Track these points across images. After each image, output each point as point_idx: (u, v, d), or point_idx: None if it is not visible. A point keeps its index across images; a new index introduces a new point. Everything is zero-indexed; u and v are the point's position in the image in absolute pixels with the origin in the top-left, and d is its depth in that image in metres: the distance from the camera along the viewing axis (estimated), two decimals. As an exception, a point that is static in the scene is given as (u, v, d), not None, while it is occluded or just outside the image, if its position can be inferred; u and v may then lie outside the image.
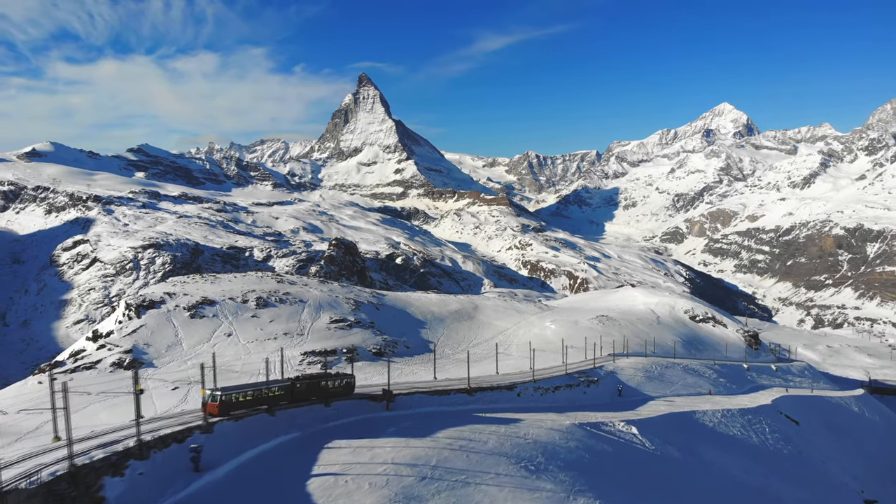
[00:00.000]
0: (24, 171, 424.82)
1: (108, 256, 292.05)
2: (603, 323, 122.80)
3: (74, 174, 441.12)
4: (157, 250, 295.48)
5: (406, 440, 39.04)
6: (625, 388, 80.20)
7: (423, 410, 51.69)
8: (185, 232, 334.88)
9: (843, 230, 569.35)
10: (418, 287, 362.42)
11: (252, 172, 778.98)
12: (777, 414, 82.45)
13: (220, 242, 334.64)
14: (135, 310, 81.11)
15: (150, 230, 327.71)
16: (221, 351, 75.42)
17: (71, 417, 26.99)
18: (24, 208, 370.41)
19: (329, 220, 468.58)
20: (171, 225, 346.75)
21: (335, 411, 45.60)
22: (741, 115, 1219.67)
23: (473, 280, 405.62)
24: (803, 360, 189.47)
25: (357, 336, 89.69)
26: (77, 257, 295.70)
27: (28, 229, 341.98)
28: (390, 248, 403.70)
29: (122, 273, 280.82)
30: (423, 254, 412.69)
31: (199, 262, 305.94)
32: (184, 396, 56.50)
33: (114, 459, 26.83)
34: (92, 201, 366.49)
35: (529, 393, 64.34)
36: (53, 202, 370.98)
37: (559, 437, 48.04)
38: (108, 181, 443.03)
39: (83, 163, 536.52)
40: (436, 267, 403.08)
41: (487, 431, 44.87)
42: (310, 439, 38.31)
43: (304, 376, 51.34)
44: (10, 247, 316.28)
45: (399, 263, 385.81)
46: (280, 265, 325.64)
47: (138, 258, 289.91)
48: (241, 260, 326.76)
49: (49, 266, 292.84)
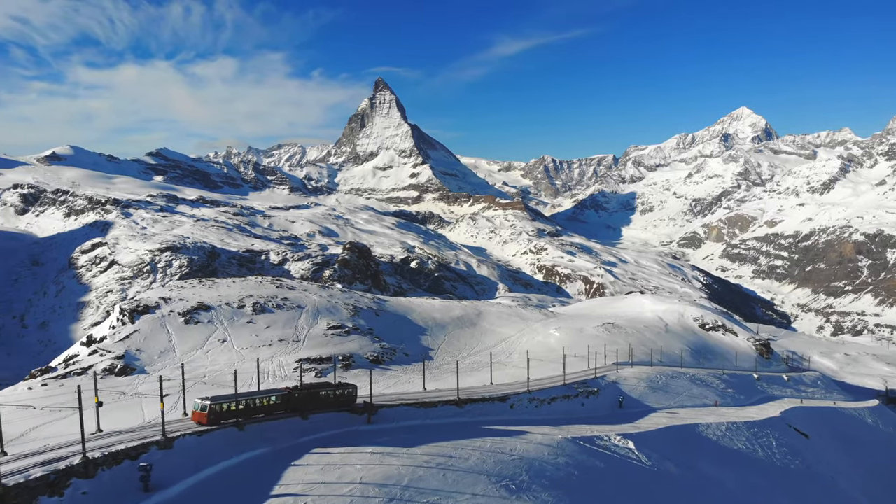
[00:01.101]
0: (44, 174, 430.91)
1: (126, 259, 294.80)
2: (609, 331, 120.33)
3: (94, 177, 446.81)
4: (175, 253, 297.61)
5: (380, 457, 37.50)
6: (626, 400, 78.04)
7: (407, 424, 49.97)
8: (202, 235, 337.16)
9: (862, 236, 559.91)
10: (432, 291, 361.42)
11: (269, 176, 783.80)
12: (786, 427, 79.55)
13: (237, 246, 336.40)
14: (129, 315, 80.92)
15: (168, 233, 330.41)
16: (215, 358, 74.68)
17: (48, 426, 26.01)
18: (43, 211, 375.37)
19: (345, 223, 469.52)
20: (188, 228, 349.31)
21: (311, 425, 43.93)
22: (760, 120, 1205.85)
23: (488, 284, 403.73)
24: (820, 368, 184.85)
25: (354, 343, 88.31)
26: (95, 260, 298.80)
27: (47, 232, 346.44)
28: (405, 252, 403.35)
29: (140, 276, 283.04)
30: (438, 258, 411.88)
31: (216, 266, 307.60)
32: (174, 404, 55.63)
33: (53, 478, 25.70)
34: (110, 204, 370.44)
35: (523, 405, 62.32)
36: (73, 205, 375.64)
37: (548, 452, 46.18)
38: (126, 184, 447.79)
39: (102, 166, 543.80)
40: (450, 271, 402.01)
41: (471, 447, 43.17)
42: (279, 455, 36.89)
43: (303, 385, 50.01)
44: (30, 249, 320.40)
45: (414, 267, 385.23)
46: (296, 268, 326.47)
47: (156, 261, 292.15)
48: (258, 263, 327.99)
49: (67, 268, 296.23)
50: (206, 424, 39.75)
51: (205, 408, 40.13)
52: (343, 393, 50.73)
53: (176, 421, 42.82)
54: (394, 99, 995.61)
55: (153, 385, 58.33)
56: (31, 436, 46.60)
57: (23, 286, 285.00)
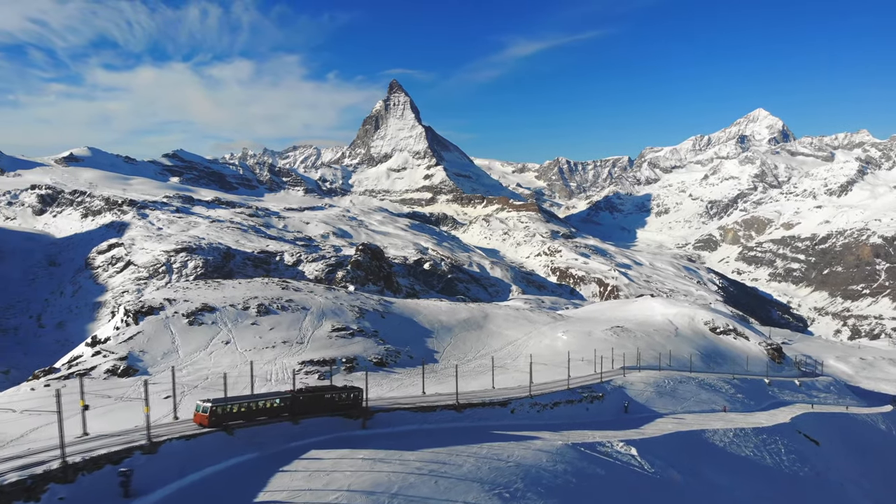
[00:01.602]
0: (61, 175, 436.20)
1: (142, 260, 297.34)
2: (617, 334, 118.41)
3: (111, 179, 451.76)
4: (190, 254, 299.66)
5: (371, 463, 36.73)
6: (633, 405, 76.60)
7: (404, 429, 49.10)
8: (217, 236, 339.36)
9: (880, 238, 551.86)
10: (445, 293, 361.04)
11: (284, 178, 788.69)
12: (795, 433, 77.61)
13: (252, 247, 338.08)
14: (133, 316, 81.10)
15: (183, 234, 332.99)
16: (218, 360, 74.66)
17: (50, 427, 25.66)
18: (61, 212, 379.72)
19: (358, 225, 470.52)
20: (203, 229, 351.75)
21: (302, 429, 43.29)
22: (776, 121, 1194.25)
23: (501, 286, 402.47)
24: (835, 372, 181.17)
25: (359, 345, 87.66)
26: (111, 260, 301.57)
27: (64, 232, 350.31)
28: (418, 254, 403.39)
29: (155, 276, 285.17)
30: (451, 259, 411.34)
31: (231, 267, 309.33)
32: (171, 407, 55.55)
33: (29, 483, 25.37)
34: (127, 205, 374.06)
35: (525, 409, 60.94)
36: (90, 206, 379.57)
37: (546, 458, 44.91)
38: (143, 186, 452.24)
39: (119, 168, 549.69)
40: (463, 273, 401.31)
41: (467, 453, 42.03)
42: (267, 461, 36.38)
43: (308, 388, 49.45)
44: (47, 249, 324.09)
45: (427, 269, 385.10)
46: (309, 269, 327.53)
47: (171, 262, 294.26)
48: (272, 264, 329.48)
49: (84, 269, 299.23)
50: (207, 426, 39.57)
51: (206, 409, 39.99)
52: (348, 396, 50.03)
53: (165, 424, 42.50)
54: (408, 101, 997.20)
55: (154, 387, 58.28)
56: (31, 437, 46.62)
57: (40, 286, 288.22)
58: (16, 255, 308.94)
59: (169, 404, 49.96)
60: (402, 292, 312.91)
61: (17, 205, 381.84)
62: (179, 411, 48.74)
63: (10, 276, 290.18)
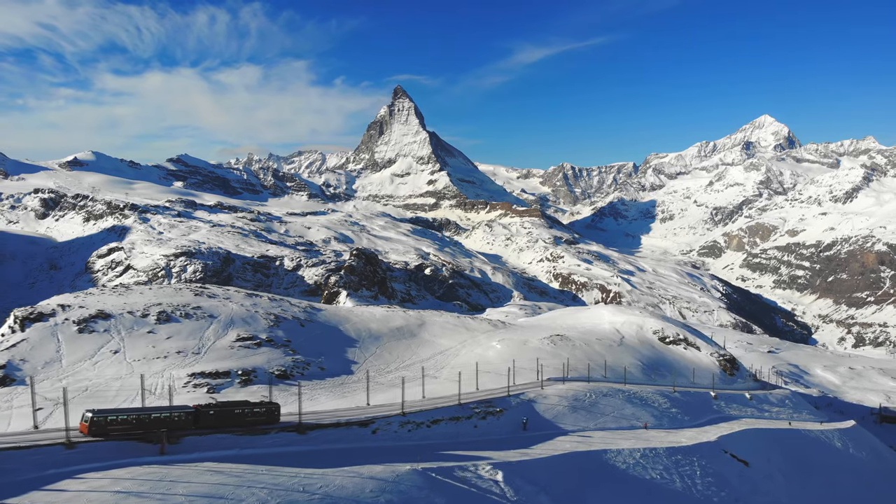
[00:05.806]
0: (65, 179, 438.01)
1: (142, 264, 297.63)
2: (555, 343, 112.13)
3: (114, 183, 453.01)
4: (189, 258, 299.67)
5: (121, 497, 31.53)
6: (537, 421, 69.87)
7: (216, 454, 42.30)
8: (217, 241, 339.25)
9: (885, 246, 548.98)
10: (446, 298, 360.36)
11: (288, 183, 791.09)
12: (720, 453, 69.81)
13: (252, 251, 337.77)
14: (20, 322, 78.70)
15: (184, 238, 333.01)
16: (102, 370, 71.91)
17: None
18: (63, 216, 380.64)
19: (360, 230, 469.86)
20: (204, 234, 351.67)
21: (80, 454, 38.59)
22: (782, 128, 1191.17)
23: (503, 292, 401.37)
24: (822, 382, 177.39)
25: (262, 356, 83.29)
26: (111, 264, 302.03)
27: (66, 236, 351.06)
28: (420, 259, 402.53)
29: (155, 280, 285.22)
30: (453, 265, 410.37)
31: (230, 271, 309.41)
32: (45, 419, 53.80)
33: None
34: (129, 210, 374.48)
35: (392, 429, 55.62)
36: (92, 210, 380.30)
37: (372, 488, 38.56)
38: (146, 190, 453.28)
39: (123, 172, 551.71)
40: (464, 278, 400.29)
41: (260, 485, 35.40)
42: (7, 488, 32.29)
43: (217, 403, 48.41)
44: (48, 253, 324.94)
45: (428, 274, 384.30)
46: (309, 274, 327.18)
47: (170, 266, 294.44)
48: (272, 269, 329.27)
49: (84, 272, 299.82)
50: (87, 435, 40.00)
51: (87, 419, 40.26)
52: (263, 411, 48.63)
53: (23, 433, 42.22)
54: (412, 106, 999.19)
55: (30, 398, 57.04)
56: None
57: (40, 289, 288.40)
58: (17, 259, 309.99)
59: (40, 416, 51.78)
60: (396, 298, 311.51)
61: (20, 208, 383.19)
62: (46, 424, 49.42)
63: (10, 279, 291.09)
